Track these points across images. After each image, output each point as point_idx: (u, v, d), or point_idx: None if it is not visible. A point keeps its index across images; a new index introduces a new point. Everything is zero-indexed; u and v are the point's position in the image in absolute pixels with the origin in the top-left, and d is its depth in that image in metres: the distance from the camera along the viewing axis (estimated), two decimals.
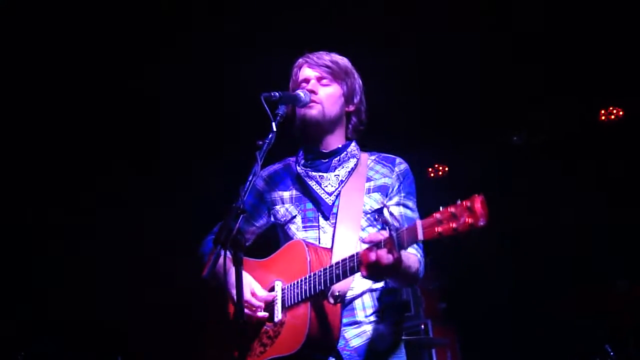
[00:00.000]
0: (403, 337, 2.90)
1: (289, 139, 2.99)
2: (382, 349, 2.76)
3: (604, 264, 6.03)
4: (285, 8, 5.29)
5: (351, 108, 3.05)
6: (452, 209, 2.20)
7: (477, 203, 2.15)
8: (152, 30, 5.39)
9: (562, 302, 5.78)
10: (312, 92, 2.95)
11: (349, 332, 2.73)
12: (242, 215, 2.41)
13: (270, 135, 2.67)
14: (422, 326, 5.98)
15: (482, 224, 2.14)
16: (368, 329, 2.75)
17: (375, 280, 2.67)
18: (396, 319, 2.85)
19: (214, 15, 5.38)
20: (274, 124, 2.71)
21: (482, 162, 6.90)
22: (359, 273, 2.51)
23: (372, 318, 2.77)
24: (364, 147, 3.09)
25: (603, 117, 6.81)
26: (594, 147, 6.58)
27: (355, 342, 2.73)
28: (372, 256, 2.39)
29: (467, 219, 2.16)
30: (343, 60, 3.06)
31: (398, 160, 3.00)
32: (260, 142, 2.65)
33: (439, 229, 2.22)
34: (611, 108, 6.77)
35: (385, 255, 2.36)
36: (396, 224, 2.34)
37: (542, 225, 6.53)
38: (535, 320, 6.40)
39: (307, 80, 3.00)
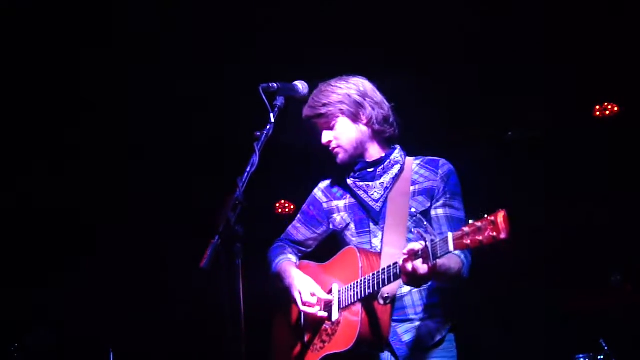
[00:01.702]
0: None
1: (286, 135, 3.03)
2: (431, 344, 2.97)
3: (598, 259, 6.05)
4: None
5: (364, 121, 3.15)
6: (478, 223, 2.39)
7: (500, 217, 2.34)
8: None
9: (557, 297, 5.79)
10: (327, 143, 3.16)
11: (400, 328, 2.96)
12: (240, 207, 2.44)
13: (268, 127, 2.72)
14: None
15: (503, 237, 2.33)
16: (417, 324, 2.98)
17: (416, 287, 2.87)
18: (444, 316, 3.03)
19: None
20: (272, 115, 2.76)
21: (476, 157, 6.89)
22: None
23: (422, 315, 2.99)
24: (410, 153, 3.24)
25: (598, 113, 6.81)
26: (588, 142, 6.58)
27: (407, 337, 2.95)
28: (409, 266, 2.58)
29: (490, 232, 2.34)
30: (333, 93, 3.13)
31: (442, 162, 3.15)
32: (259, 133, 2.69)
33: (467, 241, 2.41)
34: (606, 104, 6.77)
35: (420, 266, 2.56)
36: (432, 235, 2.52)
37: (537, 221, 6.54)
38: (530, 315, 6.42)
39: (319, 133, 3.19)
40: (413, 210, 3.03)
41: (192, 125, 6.24)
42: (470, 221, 2.43)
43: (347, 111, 3.11)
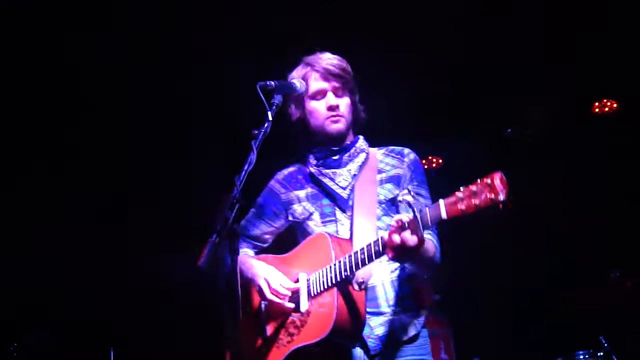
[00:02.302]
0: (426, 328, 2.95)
1: (283, 132, 3.02)
2: (405, 339, 2.83)
3: (597, 255, 6.06)
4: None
5: (355, 105, 3.16)
6: (472, 187, 2.28)
7: (497, 179, 2.24)
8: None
9: (557, 294, 5.80)
10: (336, 107, 3.04)
11: (373, 321, 2.81)
12: (237, 205, 2.42)
13: (266, 125, 2.68)
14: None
15: (502, 198, 2.22)
16: (391, 319, 2.83)
17: (401, 262, 2.74)
18: (417, 309, 2.90)
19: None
20: (269, 113, 2.72)
21: (476, 154, 6.90)
22: (384, 257, 2.60)
23: (395, 308, 2.85)
24: (372, 144, 3.18)
25: (597, 110, 6.82)
26: (588, 139, 6.59)
27: (379, 331, 2.81)
28: (397, 239, 2.45)
29: (487, 195, 2.24)
30: (347, 66, 3.12)
31: (407, 151, 3.10)
32: (256, 132, 2.65)
33: (461, 206, 2.30)
34: (605, 100, 6.78)
35: (409, 237, 2.43)
36: (419, 205, 2.44)
37: (536, 218, 6.55)
38: (529, 312, 6.42)
39: (322, 93, 3.07)
40: (382, 197, 2.94)
41: (192, 125, 6.25)
42: (462, 187, 2.33)
43: (352, 90, 3.12)
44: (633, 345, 5.10)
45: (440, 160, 7.54)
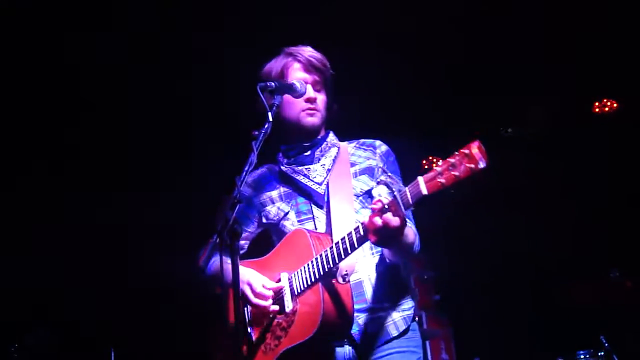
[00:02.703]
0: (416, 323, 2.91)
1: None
2: (393, 334, 2.77)
3: (597, 255, 6.05)
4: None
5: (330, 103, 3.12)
6: (450, 159, 2.25)
7: (474, 148, 2.21)
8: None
9: (557, 294, 5.79)
10: (314, 100, 3.01)
11: (361, 318, 2.73)
12: (238, 206, 2.41)
13: (266, 126, 2.65)
14: (417, 318, 6.00)
15: (482, 166, 2.19)
16: (380, 314, 2.76)
17: (385, 246, 2.66)
18: (405, 303, 2.86)
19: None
20: (269, 114, 2.69)
21: None
22: (367, 249, 2.57)
23: (383, 304, 2.78)
24: (344, 138, 3.15)
25: (597, 110, 6.82)
26: (588, 139, 6.59)
27: (368, 328, 2.73)
28: (379, 221, 2.40)
29: (466, 165, 2.20)
30: (328, 63, 3.08)
31: (378, 142, 3.05)
32: (256, 132, 2.63)
33: (441, 179, 2.25)
34: (605, 100, 6.78)
35: (392, 218, 2.38)
36: (398, 185, 2.39)
37: (537, 218, 6.54)
38: (530, 312, 6.42)
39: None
40: (358, 190, 2.88)
41: (192, 125, 6.25)
42: (440, 162, 2.29)
43: (329, 88, 3.09)
44: (634, 345, 5.10)
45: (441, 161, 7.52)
